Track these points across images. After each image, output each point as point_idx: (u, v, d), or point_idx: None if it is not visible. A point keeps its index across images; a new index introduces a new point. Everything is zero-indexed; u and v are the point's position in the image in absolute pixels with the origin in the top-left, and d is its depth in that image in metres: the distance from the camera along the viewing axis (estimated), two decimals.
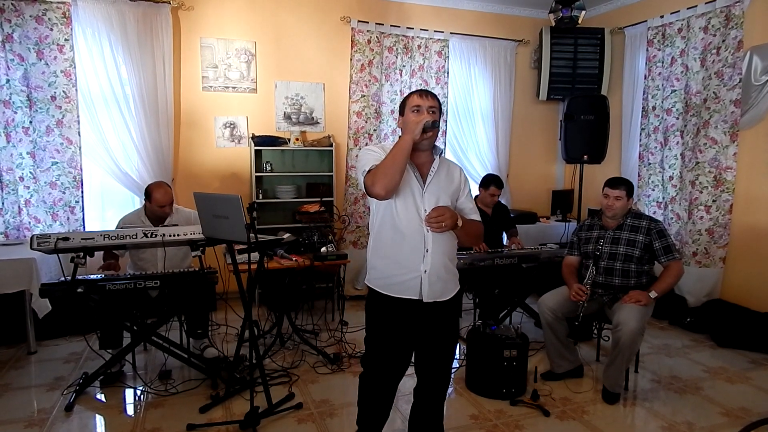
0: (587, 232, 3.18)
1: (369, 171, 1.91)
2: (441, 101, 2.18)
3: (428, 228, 1.94)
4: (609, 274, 3.03)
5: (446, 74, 5.19)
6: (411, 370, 2.20)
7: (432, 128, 1.96)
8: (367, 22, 4.88)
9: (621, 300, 2.92)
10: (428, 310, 2.01)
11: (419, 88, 3.70)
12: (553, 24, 5.12)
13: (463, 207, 2.10)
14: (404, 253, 1.97)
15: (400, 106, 2.09)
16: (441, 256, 1.99)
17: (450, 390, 3.08)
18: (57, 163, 4.04)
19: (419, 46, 5.08)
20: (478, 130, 5.45)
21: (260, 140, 4.63)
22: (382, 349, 2.09)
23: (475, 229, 2.08)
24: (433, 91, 5.00)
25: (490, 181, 4.11)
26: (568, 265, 3.24)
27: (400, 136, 1.94)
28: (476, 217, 2.11)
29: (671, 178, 4.47)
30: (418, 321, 2.03)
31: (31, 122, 3.95)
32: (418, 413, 2.27)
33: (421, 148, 2.00)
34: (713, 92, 4.13)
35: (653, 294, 2.87)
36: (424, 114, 1.97)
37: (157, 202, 3.28)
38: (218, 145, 4.71)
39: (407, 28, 5.02)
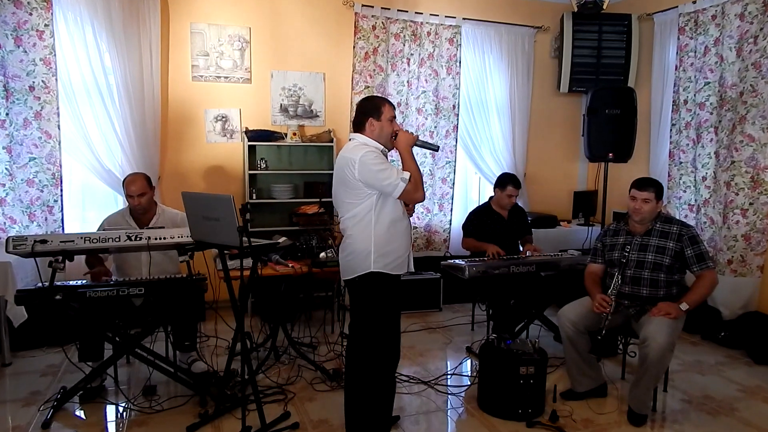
0: (612, 238, 3.17)
1: (409, 179, 2.43)
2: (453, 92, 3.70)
3: (409, 214, 2.64)
4: (636, 283, 3.02)
5: (458, 63, 5.19)
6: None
7: (435, 149, 2.91)
8: (372, 7, 4.88)
9: (649, 312, 2.90)
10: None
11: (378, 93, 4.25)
12: (576, 9, 5.11)
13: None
14: (406, 237, 2.58)
15: (372, 106, 2.54)
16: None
17: (461, 410, 3.08)
18: (35, 158, 4.06)
19: (429, 33, 5.08)
20: (493, 125, 5.45)
21: (254, 135, 4.64)
22: (397, 322, 2.62)
23: None
24: (445, 81, 5.09)
25: (507, 181, 4.09)
26: (591, 274, 3.23)
27: (401, 148, 2.55)
28: None
29: (704, 178, 4.45)
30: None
31: (7, 114, 3.97)
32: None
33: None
34: (750, 85, 4.10)
35: (684, 306, 2.85)
36: (397, 125, 2.61)
37: (127, 191, 3.33)
38: (209, 140, 4.73)
39: (416, 13, 5.03)
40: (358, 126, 2.57)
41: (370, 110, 2.53)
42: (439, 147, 2.50)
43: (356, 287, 2.54)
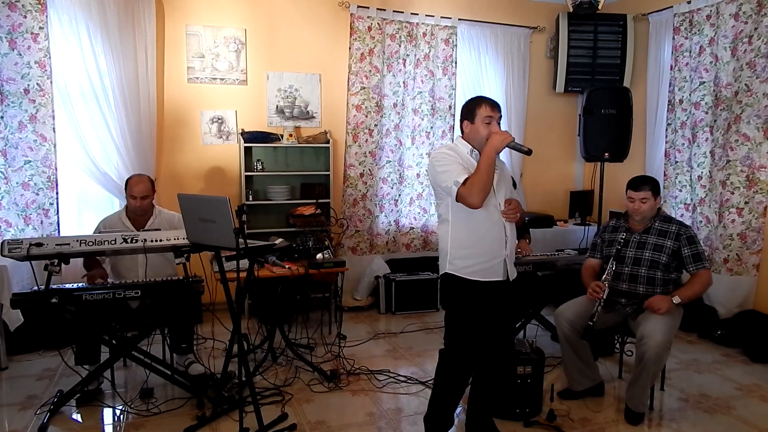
0: (612, 234, 3.18)
1: (463, 183, 2.33)
2: (449, 93, 3.42)
3: (506, 219, 2.47)
4: (633, 281, 3.03)
5: (454, 64, 5.20)
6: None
7: (527, 153, 2.52)
8: (368, 8, 4.89)
9: (642, 305, 2.92)
10: (506, 288, 2.52)
11: (484, 95, 4.08)
12: (571, 9, 5.12)
13: (516, 195, 2.68)
14: (489, 242, 2.46)
15: (467, 109, 2.52)
16: (512, 241, 2.54)
17: (458, 410, 3.07)
18: (30, 161, 4.05)
19: (424, 34, 5.09)
20: None
21: (250, 136, 4.64)
22: (473, 330, 2.49)
23: (523, 212, 2.80)
24: (441, 82, 5.08)
25: None
26: (589, 268, 3.25)
27: (484, 150, 2.37)
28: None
29: (700, 177, 4.47)
30: (500, 299, 2.51)
31: (2, 117, 3.96)
32: (480, 390, 2.68)
33: None
34: (745, 84, 4.13)
35: (677, 299, 2.87)
36: (495, 126, 2.46)
37: (130, 191, 3.33)
38: (205, 142, 4.72)
39: (411, 13, 5.04)
40: (460, 128, 2.60)
41: (465, 113, 2.54)
42: (531, 150, 2.50)
43: (441, 285, 2.62)
